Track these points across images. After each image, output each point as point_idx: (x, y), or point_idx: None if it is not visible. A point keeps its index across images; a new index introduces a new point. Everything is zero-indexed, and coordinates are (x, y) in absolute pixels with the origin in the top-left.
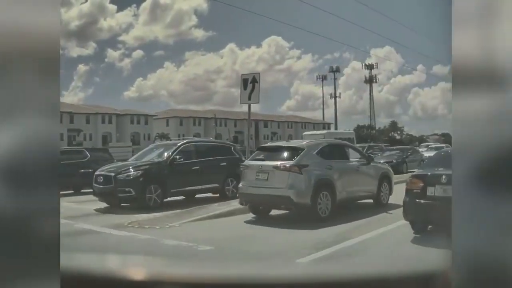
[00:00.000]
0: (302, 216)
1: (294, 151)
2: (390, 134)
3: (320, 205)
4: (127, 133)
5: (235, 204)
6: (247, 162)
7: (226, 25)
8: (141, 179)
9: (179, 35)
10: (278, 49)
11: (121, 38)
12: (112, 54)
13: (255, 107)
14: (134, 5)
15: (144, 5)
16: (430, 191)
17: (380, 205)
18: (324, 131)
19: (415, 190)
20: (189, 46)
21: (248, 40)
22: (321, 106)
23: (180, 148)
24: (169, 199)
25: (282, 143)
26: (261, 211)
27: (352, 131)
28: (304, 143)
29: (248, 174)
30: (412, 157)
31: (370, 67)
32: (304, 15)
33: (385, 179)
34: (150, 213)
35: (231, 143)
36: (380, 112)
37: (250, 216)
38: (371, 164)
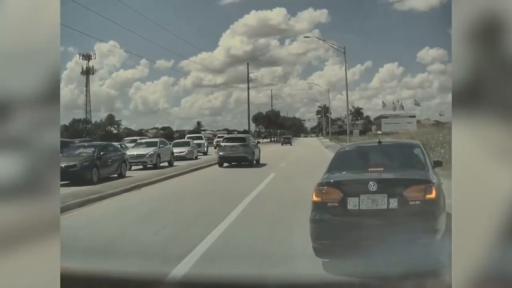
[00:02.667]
0: (249, 165)
1: (243, 138)
2: (107, 128)
3: (254, 160)
4: None
5: None
6: (223, 144)
7: None
8: None
9: None
10: None
11: None
12: None
13: None
14: None
15: None
16: (352, 203)
17: (258, 163)
18: None
19: (329, 204)
20: None
21: None
22: None
23: None
24: None
25: (236, 135)
26: (222, 164)
27: None
28: (245, 135)
29: (226, 148)
30: (108, 157)
31: (87, 57)
32: None
33: (259, 150)
34: None
35: None
36: (100, 107)
37: None
38: (257, 144)
